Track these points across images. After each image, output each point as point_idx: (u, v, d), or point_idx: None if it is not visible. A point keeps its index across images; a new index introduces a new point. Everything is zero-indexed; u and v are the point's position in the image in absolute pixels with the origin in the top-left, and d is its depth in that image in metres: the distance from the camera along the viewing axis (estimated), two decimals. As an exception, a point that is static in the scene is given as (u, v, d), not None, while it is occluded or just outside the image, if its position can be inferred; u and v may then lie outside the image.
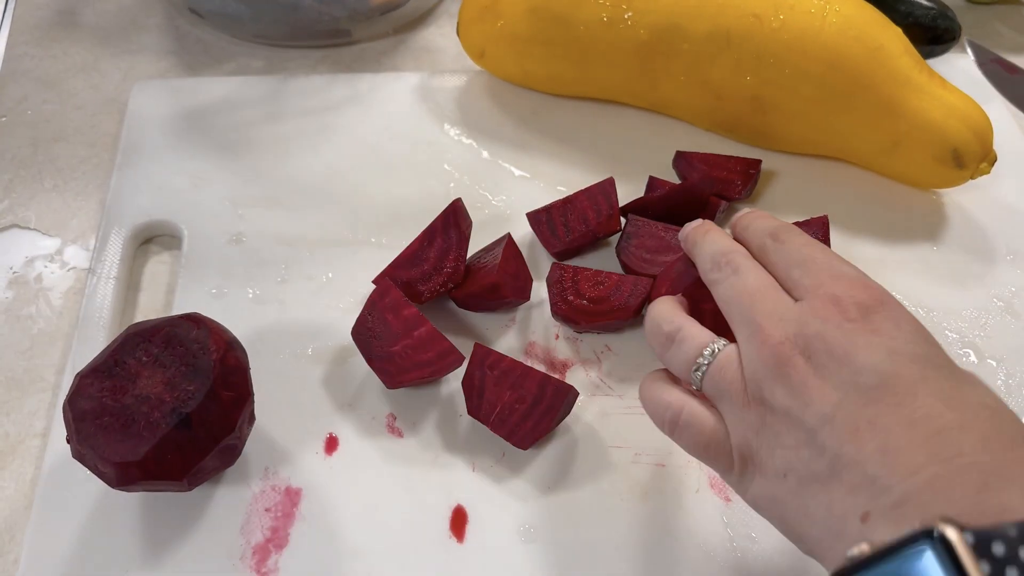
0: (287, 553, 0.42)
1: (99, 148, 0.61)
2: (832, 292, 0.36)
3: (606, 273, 0.51)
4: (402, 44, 0.70)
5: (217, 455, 0.40)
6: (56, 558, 0.42)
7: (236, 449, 0.42)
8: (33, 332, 0.52)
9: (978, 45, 0.51)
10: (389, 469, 0.45)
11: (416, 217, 0.54)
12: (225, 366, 0.40)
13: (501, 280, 0.49)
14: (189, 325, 0.41)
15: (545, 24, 0.59)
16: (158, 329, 0.41)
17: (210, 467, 0.41)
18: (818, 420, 0.33)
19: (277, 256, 0.54)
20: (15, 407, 0.49)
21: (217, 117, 0.61)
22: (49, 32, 0.70)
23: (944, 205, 0.59)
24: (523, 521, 0.44)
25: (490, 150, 0.61)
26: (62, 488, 0.44)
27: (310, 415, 0.47)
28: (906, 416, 0.31)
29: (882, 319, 0.34)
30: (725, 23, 0.55)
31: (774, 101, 0.57)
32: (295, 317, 0.51)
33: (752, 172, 0.57)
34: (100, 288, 0.52)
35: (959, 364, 0.51)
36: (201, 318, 0.42)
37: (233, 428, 0.40)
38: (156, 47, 0.69)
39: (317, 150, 0.60)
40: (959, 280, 0.55)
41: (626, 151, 0.61)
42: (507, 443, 0.46)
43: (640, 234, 0.52)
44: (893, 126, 0.55)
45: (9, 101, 0.64)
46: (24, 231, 0.57)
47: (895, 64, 0.54)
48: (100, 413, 0.39)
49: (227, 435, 0.40)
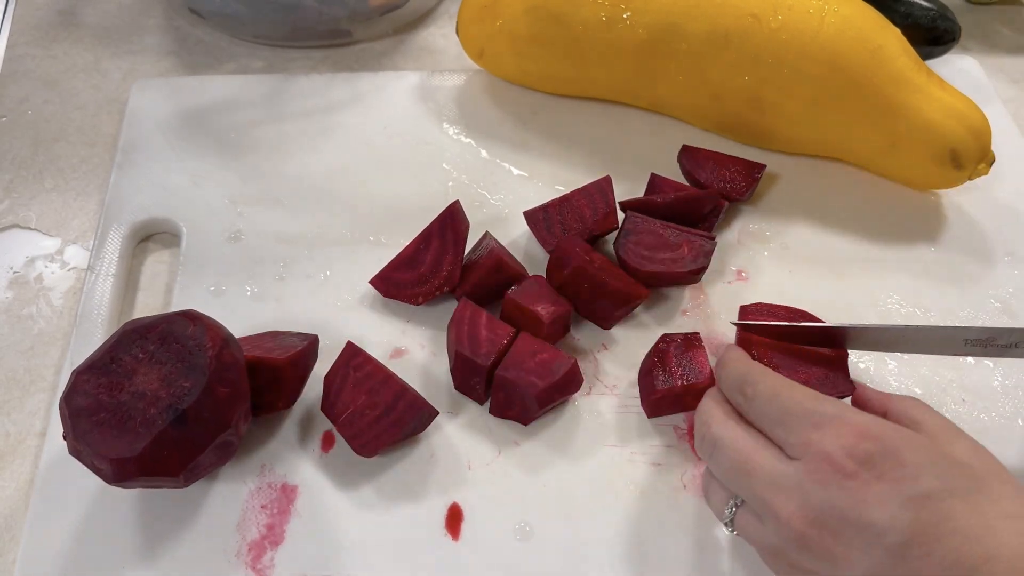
0: (283, 550, 0.43)
1: (100, 148, 0.62)
2: (822, 449, 0.35)
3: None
4: (402, 44, 0.71)
5: (213, 451, 0.40)
6: (53, 554, 0.42)
7: (232, 446, 0.42)
8: (34, 332, 0.52)
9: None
10: (385, 467, 0.45)
11: (415, 216, 0.54)
12: (221, 362, 0.41)
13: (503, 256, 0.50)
14: (185, 322, 0.41)
15: (544, 24, 0.59)
16: (154, 326, 0.41)
17: (206, 463, 0.41)
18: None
19: (276, 254, 0.54)
20: (15, 407, 0.49)
21: (216, 116, 0.62)
22: (49, 32, 0.70)
23: (942, 206, 0.59)
24: (518, 519, 0.44)
25: (489, 149, 0.61)
26: (59, 485, 0.44)
27: (306, 412, 0.47)
28: (937, 564, 0.31)
29: (882, 460, 0.33)
30: (724, 23, 0.56)
31: (772, 101, 0.57)
32: (293, 315, 0.51)
33: (756, 175, 0.57)
34: (99, 285, 0.52)
35: (956, 365, 0.51)
36: (197, 315, 0.42)
37: (229, 425, 0.40)
38: (157, 47, 0.69)
39: (316, 149, 0.60)
40: (957, 280, 0.55)
41: (625, 151, 0.61)
42: (504, 442, 0.46)
43: (639, 231, 0.52)
44: (891, 127, 0.55)
45: (10, 101, 0.65)
46: (25, 231, 0.57)
47: (894, 65, 0.54)
48: (96, 410, 0.39)
49: (223, 431, 0.40)
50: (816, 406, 0.36)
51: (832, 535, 0.33)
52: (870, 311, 0.53)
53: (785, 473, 0.35)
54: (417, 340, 0.51)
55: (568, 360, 0.46)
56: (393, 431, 0.44)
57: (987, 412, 0.49)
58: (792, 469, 0.35)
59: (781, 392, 0.38)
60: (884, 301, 0.53)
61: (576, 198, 0.54)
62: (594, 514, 0.44)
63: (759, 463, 0.36)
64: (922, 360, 0.50)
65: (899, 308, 0.53)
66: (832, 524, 0.33)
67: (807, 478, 0.34)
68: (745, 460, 0.37)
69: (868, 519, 0.32)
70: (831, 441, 0.35)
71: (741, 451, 0.37)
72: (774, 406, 0.38)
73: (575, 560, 0.43)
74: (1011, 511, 0.32)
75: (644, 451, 0.46)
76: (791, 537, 0.34)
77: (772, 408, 0.38)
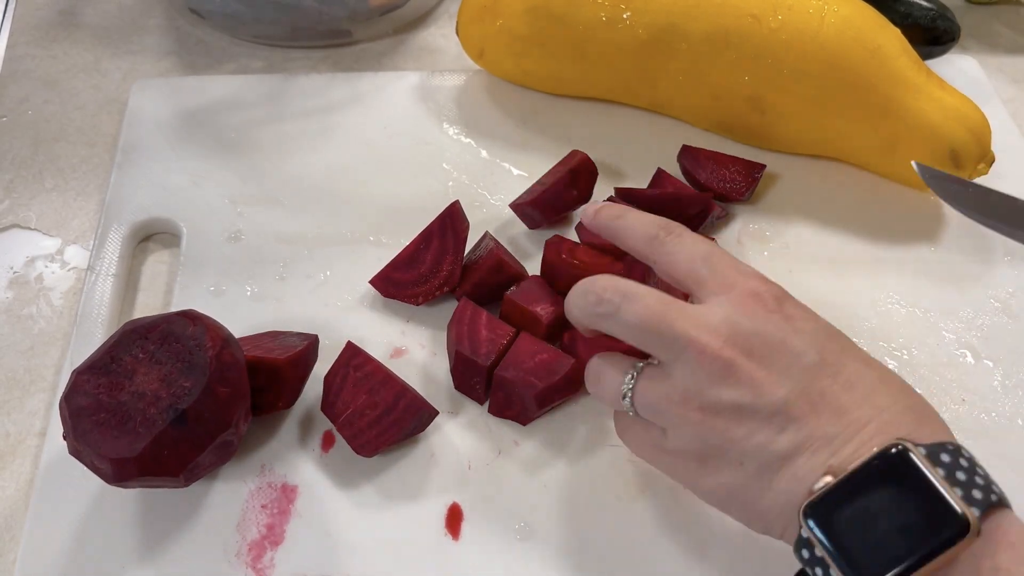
0: (283, 550, 0.43)
1: (100, 148, 0.62)
2: (749, 287, 0.39)
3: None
4: (402, 44, 0.71)
5: (214, 451, 0.40)
6: (53, 554, 0.42)
7: (232, 445, 0.42)
8: (34, 332, 0.52)
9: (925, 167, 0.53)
10: (385, 467, 0.46)
11: (415, 216, 0.54)
12: (221, 362, 0.41)
13: (503, 256, 0.50)
14: (185, 322, 0.41)
15: (544, 24, 0.59)
16: (154, 326, 0.41)
17: (207, 463, 0.41)
18: (775, 406, 0.36)
19: (276, 254, 0.54)
20: (15, 407, 0.49)
21: (217, 116, 0.62)
22: (50, 32, 0.70)
23: (942, 206, 0.59)
24: (518, 519, 0.44)
25: (489, 149, 0.61)
26: (59, 485, 0.44)
27: (306, 412, 0.47)
28: (844, 382, 0.37)
29: (791, 306, 0.39)
30: (723, 23, 0.56)
31: (772, 101, 0.57)
32: (293, 315, 0.51)
33: (756, 176, 0.57)
34: (99, 285, 0.52)
35: (956, 364, 0.51)
36: (197, 315, 0.42)
37: (229, 424, 0.40)
38: (157, 47, 0.69)
39: (316, 149, 0.60)
40: (956, 281, 0.55)
41: (625, 151, 0.61)
42: (504, 442, 0.46)
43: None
44: (891, 127, 0.55)
45: (10, 101, 0.65)
46: (25, 231, 0.57)
47: (893, 65, 0.54)
48: (96, 410, 0.39)
49: (223, 431, 0.40)
50: (735, 260, 0.41)
51: (758, 360, 0.37)
52: (870, 311, 0.53)
53: (710, 311, 0.38)
54: (417, 340, 0.51)
55: (568, 361, 0.46)
56: (393, 431, 0.44)
57: (987, 412, 0.49)
58: (716, 306, 0.38)
59: (702, 238, 0.42)
60: (884, 301, 0.53)
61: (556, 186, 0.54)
62: (594, 514, 0.44)
63: (680, 306, 0.38)
64: (922, 360, 0.50)
65: (899, 308, 0.53)
66: (759, 350, 0.37)
67: (735, 310, 0.38)
68: (665, 305, 0.38)
69: (789, 343, 0.37)
70: (756, 284, 0.39)
71: (659, 298, 0.39)
72: (700, 247, 0.41)
73: (575, 560, 0.43)
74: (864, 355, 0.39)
75: (644, 451, 0.46)
76: (718, 369, 0.37)
77: (698, 248, 0.41)
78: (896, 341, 0.51)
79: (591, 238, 0.51)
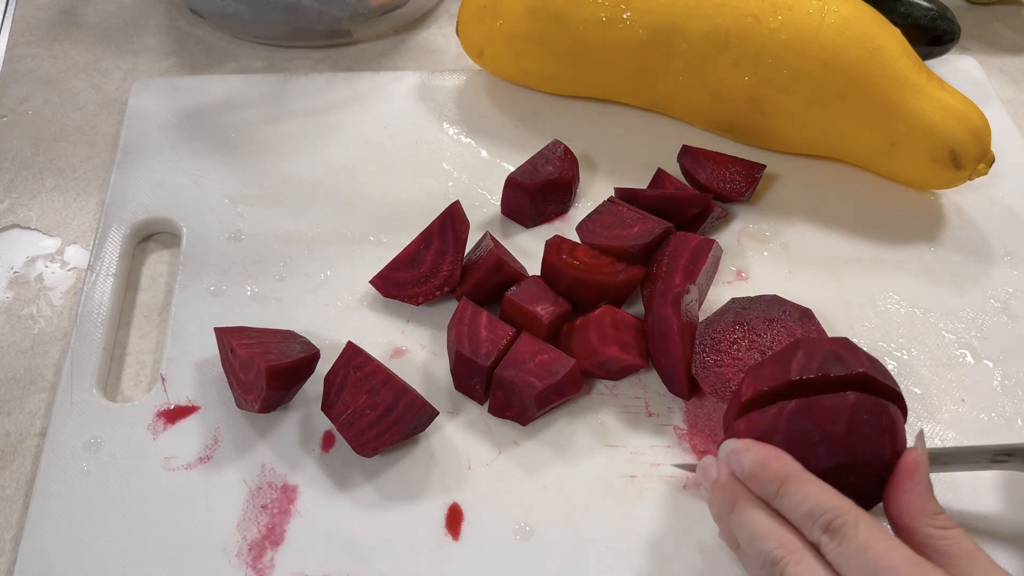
0: (283, 550, 0.43)
1: (100, 148, 0.62)
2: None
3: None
4: (402, 44, 0.71)
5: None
6: (53, 554, 0.42)
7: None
8: (34, 332, 0.52)
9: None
10: (385, 467, 0.46)
11: (415, 216, 0.54)
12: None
13: (503, 256, 0.50)
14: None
15: (544, 24, 0.59)
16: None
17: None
18: None
19: (276, 254, 0.54)
20: (16, 407, 0.49)
21: (217, 115, 0.62)
22: (50, 32, 0.70)
23: (942, 206, 0.59)
24: (518, 519, 0.44)
25: (489, 149, 0.61)
26: (59, 485, 0.44)
27: (306, 412, 0.48)
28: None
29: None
30: (723, 23, 0.56)
31: (772, 101, 0.57)
32: (293, 314, 0.51)
33: (756, 176, 0.57)
34: (99, 285, 0.52)
35: (956, 365, 0.51)
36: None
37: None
38: (157, 47, 0.69)
39: (316, 149, 0.60)
40: (956, 281, 0.55)
41: (625, 151, 0.61)
42: (504, 442, 0.46)
43: (605, 212, 0.53)
44: (891, 127, 0.55)
45: (10, 101, 0.65)
46: (25, 231, 0.57)
47: (893, 65, 0.54)
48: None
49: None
50: (913, 569, 0.34)
51: None
52: (870, 311, 0.53)
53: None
54: (417, 340, 0.51)
55: (568, 361, 0.46)
56: (393, 431, 0.44)
57: (987, 412, 0.49)
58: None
59: (872, 534, 0.35)
60: (884, 301, 0.53)
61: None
62: (594, 514, 0.44)
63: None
64: (922, 361, 0.50)
65: (899, 308, 0.53)
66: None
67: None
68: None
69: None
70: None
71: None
72: (867, 557, 0.35)
73: (575, 560, 0.43)
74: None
75: (644, 451, 0.46)
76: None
77: (864, 558, 0.35)
78: (896, 341, 0.51)
79: (591, 238, 0.51)
